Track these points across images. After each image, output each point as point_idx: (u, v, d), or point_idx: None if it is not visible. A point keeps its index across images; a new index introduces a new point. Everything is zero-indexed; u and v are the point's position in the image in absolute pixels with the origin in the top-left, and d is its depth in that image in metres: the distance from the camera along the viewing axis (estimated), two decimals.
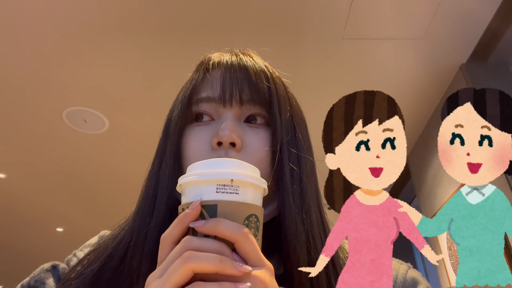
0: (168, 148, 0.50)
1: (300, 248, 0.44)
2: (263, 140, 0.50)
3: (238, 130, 0.48)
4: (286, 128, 0.51)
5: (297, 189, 0.48)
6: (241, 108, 0.50)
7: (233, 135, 0.46)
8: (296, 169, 0.49)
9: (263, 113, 0.51)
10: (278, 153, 0.48)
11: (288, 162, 0.49)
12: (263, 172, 0.47)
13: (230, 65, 0.52)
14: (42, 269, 0.52)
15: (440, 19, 1.87)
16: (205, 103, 0.51)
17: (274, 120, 0.50)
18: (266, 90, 0.51)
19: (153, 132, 0.57)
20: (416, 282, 0.52)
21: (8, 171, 3.47)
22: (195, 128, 0.51)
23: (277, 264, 0.44)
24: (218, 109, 0.50)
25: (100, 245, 0.52)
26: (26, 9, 1.89)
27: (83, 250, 0.57)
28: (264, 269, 0.33)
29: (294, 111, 0.54)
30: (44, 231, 4.86)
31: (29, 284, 0.50)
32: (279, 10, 1.88)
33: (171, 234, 0.35)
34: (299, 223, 0.46)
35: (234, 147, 0.47)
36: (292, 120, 0.52)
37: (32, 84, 2.37)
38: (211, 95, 0.51)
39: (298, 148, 0.51)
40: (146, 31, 1.93)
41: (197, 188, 0.36)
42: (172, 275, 0.31)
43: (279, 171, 0.48)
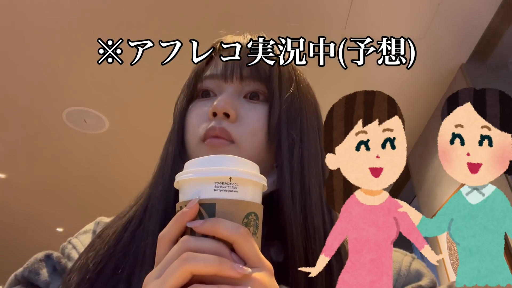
0: (175, 123, 0.54)
1: (296, 230, 0.44)
2: (259, 113, 0.50)
3: (234, 102, 0.49)
4: (287, 104, 0.51)
5: (297, 165, 0.48)
6: (242, 84, 0.51)
7: (227, 105, 0.48)
8: (296, 145, 0.49)
9: (264, 90, 0.52)
10: (275, 127, 0.49)
11: (287, 137, 0.49)
12: (258, 145, 0.49)
13: (229, 54, 0.53)
14: (35, 259, 0.51)
15: (440, 19, 1.87)
16: (208, 80, 0.53)
17: (272, 94, 0.51)
18: (267, 67, 0.51)
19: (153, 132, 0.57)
20: (420, 274, 0.51)
21: (8, 171, 3.47)
22: (198, 103, 0.53)
23: (277, 251, 0.44)
24: (220, 85, 0.52)
25: (113, 220, 0.53)
26: (26, 9, 1.89)
27: (78, 237, 0.56)
28: (263, 270, 0.33)
29: (301, 91, 0.54)
30: (44, 231, 4.86)
31: (23, 275, 0.49)
32: (279, 10, 1.89)
33: (169, 233, 0.35)
34: (297, 200, 0.46)
35: (228, 118, 0.48)
36: (297, 99, 0.53)
37: (32, 84, 2.37)
38: (215, 72, 0.53)
39: (301, 127, 0.51)
40: (146, 30, 1.93)
41: (195, 186, 0.35)
42: (170, 277, 0.31)
43: (277, 145, 0.49)
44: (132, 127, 2.79)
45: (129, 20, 1.93)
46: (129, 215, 0.51)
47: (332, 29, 1.94)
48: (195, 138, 0.50)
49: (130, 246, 0.47)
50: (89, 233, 0.57)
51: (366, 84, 2.12)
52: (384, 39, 0.45)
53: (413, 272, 0.51)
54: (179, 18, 1.93)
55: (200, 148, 0.49)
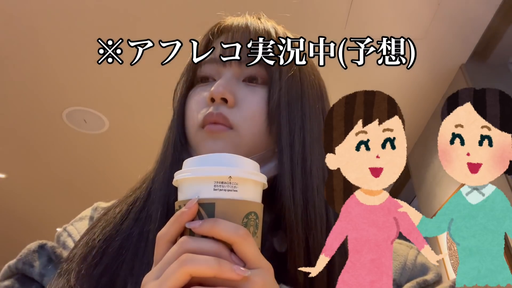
0: (175, 109, 0.53)
1: (296, 216, 0.43)
2: (258, 96, 0.49)
3: (232, 86, 0.48)
4: (287, 86, 0.50)
5: (298, 149, 0.47)
6: (240, 67, 0.50)
7: (224, 91, 0.47)
8: (297, 128, 0.48)
9: (263, 73, 0.51)
10: (275, 110, 0.48)
11: (288, 120, 0.48)
12: (258, 130, 0.48)
13: (235, 27, 0.53)
14: (29, 251, 0.50)
15: (440, 19, 1.87)
16: (207, 65, 0.52)
17: (271, 76, 0.50)
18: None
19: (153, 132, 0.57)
20: (426, 268, 0.50)
21: (8, 171, 3.47)
22: (197, 89, 0.52)
23: (280, 241, 0.44)
24: (219, 69, 0.51)
25: (117, 202, 0.54)
26: (26, 9, 1.89)
27: (74, 224, 0.56)
28: (263, 271, 0.33)
29: (303, 72, 0.53)
30: (44, 231, 4.86)
31: (17, 267, 0.48)
32: (278, 10, 1.88)
33: (168, 233, 0.34)
34: (297, 183, 0.44)
35: (226, 103, 0.47)
36: (298, 81, 0.51)
37: (32, 84, 2.37)
38: (213, 56, 0.52)
39: (303, 109, 0.50)
40: (146, 30, 1.93)
41: (194, 185, 0.35)
42: (168, 279, 0.30)
43: (277, 129, 0.48)
44: (132, 127, 2.78)
45: (129, 20, 1.93)
46: (134, 195, 0.52)
47: (332, 29, 1.94)
48: (194, 125, 0.50)
49: (133, 228, 0.47)
50: (85, 220, 0.57)
51: (366, 84, 2.12)
52: (384, 39, 0.45)
53: (419, 266, 0.50)
54: (179, 18, 1.93)
55: (199, 135, 0.49)
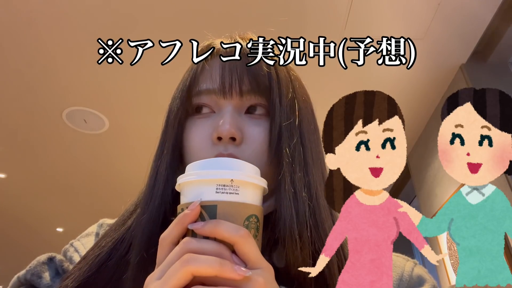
0: (167, 140, 0.50)
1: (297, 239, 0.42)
2: (262, 128, 0.49)
3: (238, 123, 0.47)
4: (286, 113, 0.49)
5: (300, 175, 0.46)
6: (242, 99, 0.49)
7: (232, 129, 0.46)
8: (298, 153, 0.47)
9: (264, 102, 0.50)
10: (277, 140, 0.47)
11: (288, 145, 0.47)
12: (264, 162, 0.47)
13: (229, 54, 0.51)
14: (38, 262, 0.51)
15: (440, 19, 1.87)
16: (205, 95, 0.50)
17: (274, 107, 0.49)
18: (266, 77, 0.50)
19: (153, 132, 0.57)
20: (422, 280, 0.50)
21: (8, 171, 3.47)
22: (196, 121, 0.50)
23: (279, 257, 0.43)
24: (218, 101, 0.49)
25: (111, 229, 0.51)
26: (26, 9, 1.89)
27: (80, 240, 0.56)
28: (264, 272, 0.33)
29: (297, 94, 0.53)
30: (44, 231, 4.86)
31: (26, 278, 0.49)
32: (278, 10, 1.88)
33: (170, 235, 0.35)
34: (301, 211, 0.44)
35: (234, 141, 0.46)
36: (294, 104, 0.51)
37: (32, 84, 2.37)
38: (211, 87, 0.50)
39: (302, 132, 0.50)
40: (146, 30, 1.93)
41: (197, 188, 0.36)
42: (171, 278, 0.31)
43: (278, 157, 0.47)
44: (132, 127, 2.79)
45: (129, 20, 1.93)
46: (119, 233, 0.49)
47: (332, 29, 1.94)
48: None
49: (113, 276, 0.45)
50: (91, 236, 0.57)
51: (366, 84, 2.12)
52: (384, 39, 0.45)
53: (415, 278, 0.50)
54: (179, 18, 1.93)
55: None
